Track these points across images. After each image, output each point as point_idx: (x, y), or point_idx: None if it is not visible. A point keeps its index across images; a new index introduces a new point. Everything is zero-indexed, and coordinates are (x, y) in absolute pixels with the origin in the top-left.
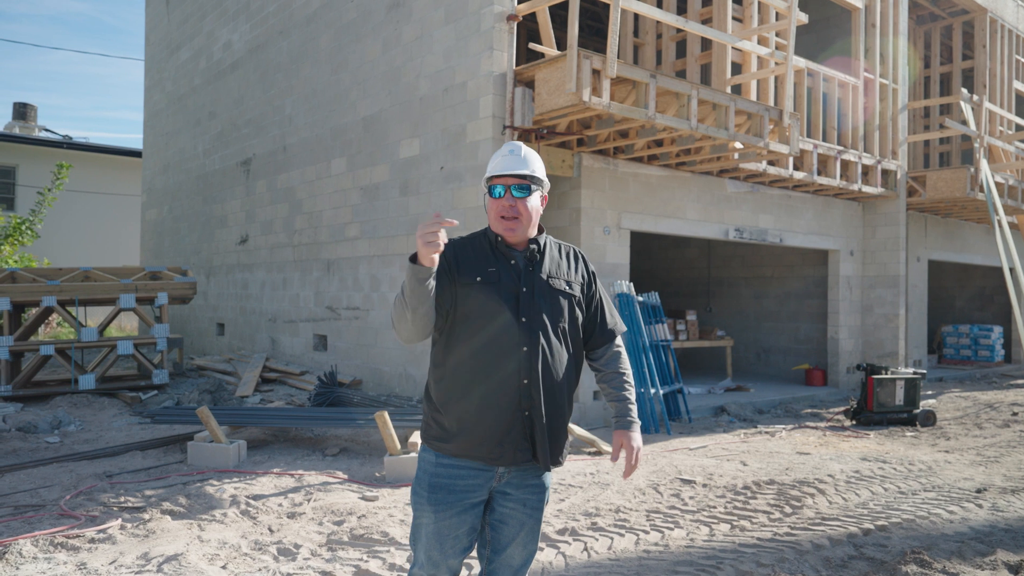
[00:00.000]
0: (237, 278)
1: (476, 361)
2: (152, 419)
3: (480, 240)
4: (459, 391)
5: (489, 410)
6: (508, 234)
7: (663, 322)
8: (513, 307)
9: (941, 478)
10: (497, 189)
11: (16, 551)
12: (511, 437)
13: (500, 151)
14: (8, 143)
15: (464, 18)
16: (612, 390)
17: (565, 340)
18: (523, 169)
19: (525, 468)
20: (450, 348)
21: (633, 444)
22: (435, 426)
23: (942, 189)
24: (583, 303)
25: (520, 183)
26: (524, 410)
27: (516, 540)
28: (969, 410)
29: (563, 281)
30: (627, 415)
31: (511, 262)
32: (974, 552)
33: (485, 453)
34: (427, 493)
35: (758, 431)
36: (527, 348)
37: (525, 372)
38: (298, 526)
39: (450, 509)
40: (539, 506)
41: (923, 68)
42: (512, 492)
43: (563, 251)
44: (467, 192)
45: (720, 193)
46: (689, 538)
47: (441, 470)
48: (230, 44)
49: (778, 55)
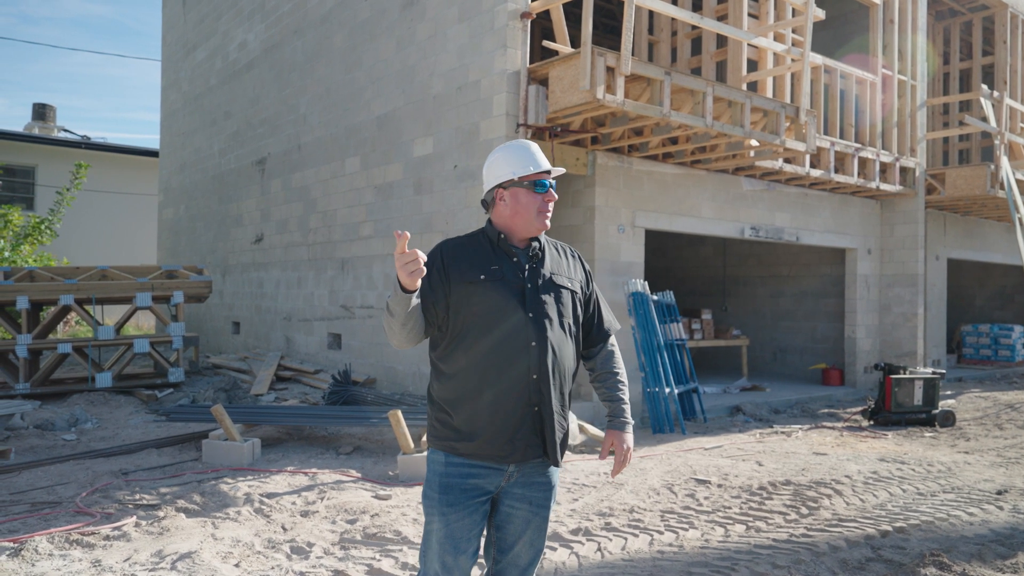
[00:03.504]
0: (252, 277)
1: (486, 359)
2: (167, 417)
3: (478, 239)
4: (469, 391)
5: (501, 408)
6: (543, 228)
7: (678, 321)
8: (519, 303)
9: (960, 479)
10: (542, 184)
11: (32, 548)
12: (522, 433)
13: (514, 147)
14: (27, 143)
15: (478, 16)
16: (606, 390)
17: (569, 335)
18: (549, 165)
19: (533, 465)
20: (457, 348)
21: (624, 444)
22: (442, 428)
23: (961, 187)
24: (582, 300)
25: (550, 178)
26: (534, 405)
27: (522, 539)
28: (989, 410)
29: (565, 277)
30: (621, 415)
31: (513, 259)
32: (995, 555)
33: (496, 451)
34: (438, 495)
35: (774, 431)
36: (536, 343)
37: (535, 367)
38: (311, 524)
39: (463, 509)
40: (545, 504)
41: (942, 64)
42: (518, 491)
43: (560, 249)
44: (480, 190)
45: (736, 191)
46: (704, 539)
47: (452, 470)
48: (245, 44)
49: (794, 52)
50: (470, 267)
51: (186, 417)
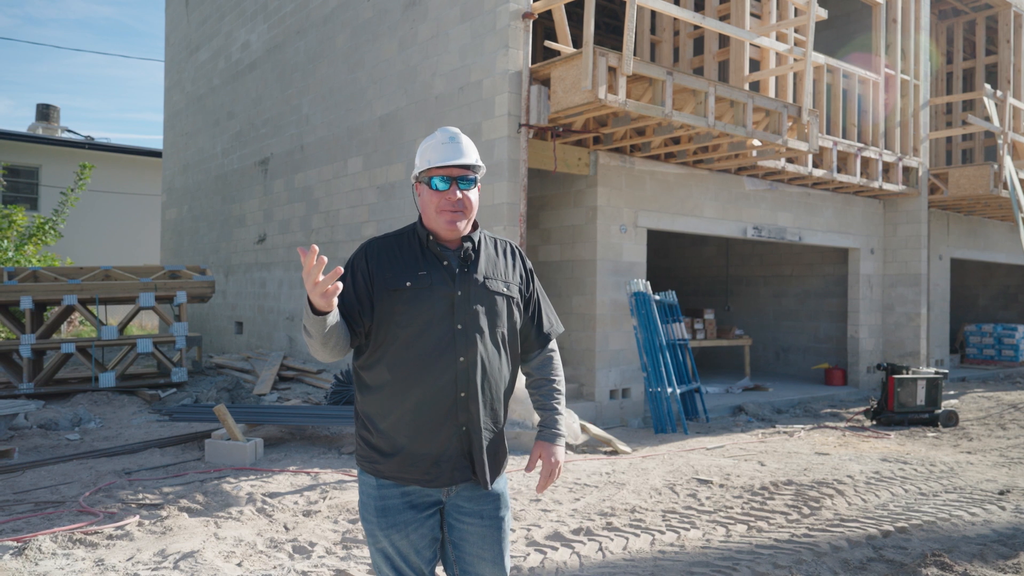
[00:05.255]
0: (255, 277)
1: (408, 374)
2: (170, 417)
3: (407, 239)
4: (390, 407)
5: (423, 427)
6: (450, 231)
7: (680, 321)
8: (447, 313)
9: (963, 479)
10: (439, 181)
11: (36, 547)
12: (448, 455)
13: (434, 138)
14: (31, 144)
15: (480, 16)
16: (540, 398)
17: (503, 347)
18: (467, 159)
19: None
20: (378, 360)
21: (552, 457)
22: (365, 446)
23: (965, 186)
24: (520, 304)
25: (464, 174)
26: (461, 425)
27: (483, 557)
28: (992, 410)
29: (501, 282)
30: (553, 427)
31: (443, 263)
32: (996, 555)
33: (421, 475)
34: (376, 518)
35: (776, 431)
36: (464, 358)
37: (463, 384)
38: (313, 524)
39: (406, 527)
40: (497, 515)
41: (945, 64)
42: (465, 505)
43: (499, 248)
44: (483, 191)
45: (738, 191)
46: (705, 539)
47: (385, 492)
48: (248, 44)
49: (797, 51)
50: (395, 272)
51: (189, 417)
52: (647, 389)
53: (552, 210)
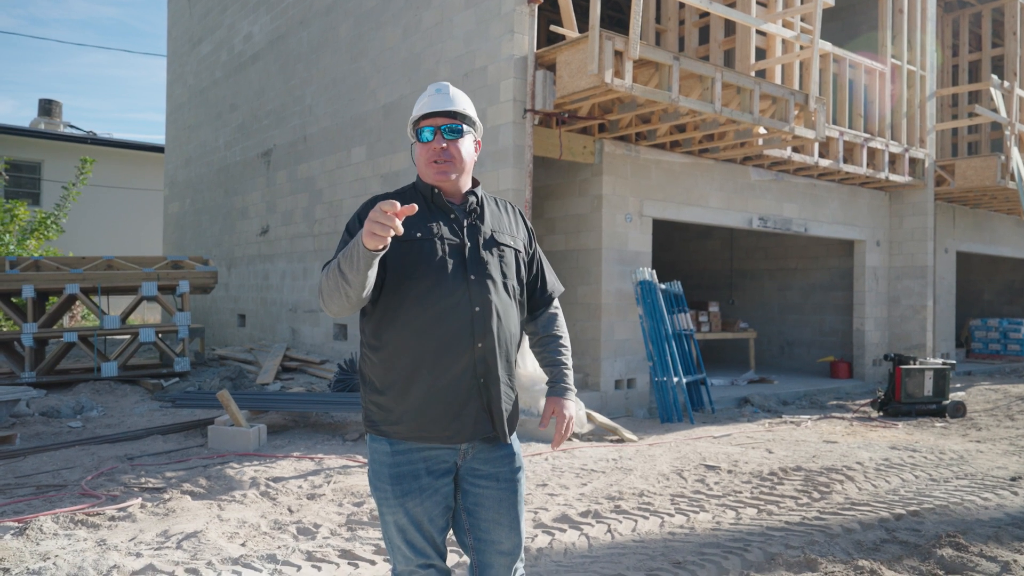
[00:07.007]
0: (258, 269)
1: (423, 328)
2: (173, 404)
3: (411, 195)
4: (405, 365)
5: (444, 382)
6: (441, 180)
7: (686, 311)
8: (459, 264)
9: (973, 466)
10: (425, 132)
11: (37, 527)
12: (468, 409)
13: (426, 92)
14: (33, 139)
15: (485, 2)
16: (548, 354)
17: (514, 298)
18: (453, 106)
19: (487, 439)
20: (389, 318)
21: (566, 412)
22: (378, 410)
23: (971, 178)
24: (526, 260)
25: (451, 123)
26: (480, 377)
27: (499, 522)
28: (1000, 402)
29: (508, 235)
30: (562, 380)
31: (451, 216)
32: (1012, 536)
33: (441, 431)
34: (391, 486)
35: (783, 421)
36: (479, 308)
37: (480, 335)
38: (318, 507)
39: (423, 494)
40: (513, 478)
41: (951, 56)
42: (481, 467)
43: (500, 205)
44: (488, 177)
45: (743, 181)
46: (715, 521)
47: (400, 458)
48: (251, 36)
49: (803, 39)
50: (406, 224)
51: (192, 403)
52: (653, 379)
53: (557, 199)
